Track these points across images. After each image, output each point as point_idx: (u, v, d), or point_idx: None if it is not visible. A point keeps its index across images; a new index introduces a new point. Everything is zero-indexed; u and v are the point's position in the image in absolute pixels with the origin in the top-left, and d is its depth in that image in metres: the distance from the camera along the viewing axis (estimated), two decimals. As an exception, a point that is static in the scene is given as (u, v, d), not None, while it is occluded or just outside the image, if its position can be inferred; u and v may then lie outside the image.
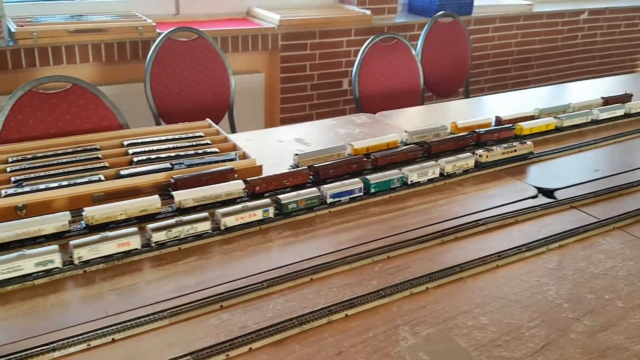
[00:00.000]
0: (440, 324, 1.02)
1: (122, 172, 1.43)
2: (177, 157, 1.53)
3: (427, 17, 3.17)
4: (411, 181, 1.52)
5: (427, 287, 1.12)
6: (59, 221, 1.19)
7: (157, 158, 1.52)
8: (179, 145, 1.61)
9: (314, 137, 1.89)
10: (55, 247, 1.11)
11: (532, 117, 1.90)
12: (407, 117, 2.22)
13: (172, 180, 1.39)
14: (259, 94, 3.19)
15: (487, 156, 1.63)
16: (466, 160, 1.60)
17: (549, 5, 4.20)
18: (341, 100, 3.52)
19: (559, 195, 1.49)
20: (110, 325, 0.96)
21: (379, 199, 1.47)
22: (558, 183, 1.56)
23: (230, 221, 1.26)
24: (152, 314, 0.99)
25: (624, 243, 1.29)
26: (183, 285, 1.09)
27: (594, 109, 1.94)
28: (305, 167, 1.49)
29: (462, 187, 1.56)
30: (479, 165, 1.64)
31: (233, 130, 2.54)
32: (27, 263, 1.07)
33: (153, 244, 1.18)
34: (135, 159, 1.51)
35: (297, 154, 1.56)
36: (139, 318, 0.98)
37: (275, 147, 1.77)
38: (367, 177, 1.47)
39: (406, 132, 1.79)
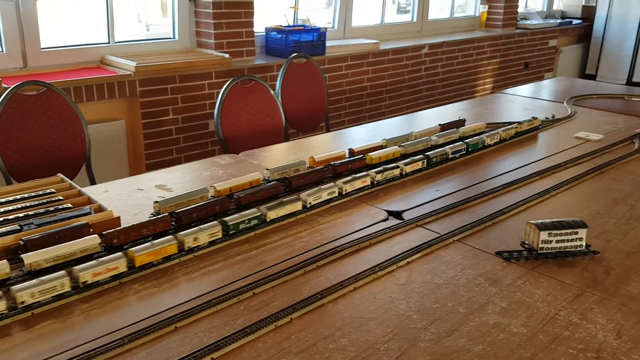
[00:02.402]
0: (303, 351, 1.07)
1: (-36, 240, 1.33)
2: (26, 217, 1.45)
3: (284, 59, 3.32)
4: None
5: (291, 318, 1.17)
6: None
7: (4, 220, 1.44)
8: (27, 204, 1.53)
9: (176, 182, 1.89)
10: None
11: (380, 147, 2.06)
12: (270, 154, 2.29)
13: (21, 242, 1.31)
14: (120, 142, 3.11)
15: (520, 127, 2.40)
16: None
17: (393, 43, 4.59)
18: (209, 142, 3.54)
19: (406, 216, 1.63)
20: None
21: (243, 238, 1.51)
22: (405, 205, 1.70)
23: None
24: (2, 388, 0.94)
25: (462, 254, 1.44)
26: (38, 352, 1.04)
27: (432, 136, 2.16)
28: (167, 214, 1.49)
29: (322, 218, 1.65)
30: (517, 134, 2.40)
31: (92, 182, 2.44)
32: None
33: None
34: (-22, 224, 1.41)
35: (156, 201, 1.56)
36: (-14, 395, 0.92)
37: (135, 196, 1.75)
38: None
39: (267, 169, 1.85)
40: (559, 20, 6.54)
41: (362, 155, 1.97)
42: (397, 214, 1.65)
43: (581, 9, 6.98)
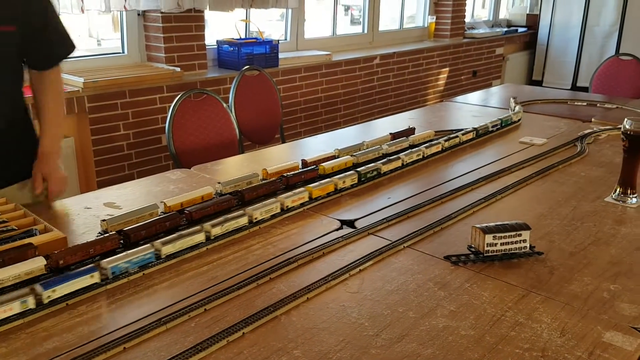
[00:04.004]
0: (256, 365, 1.07)
1: None
2: (-33, 241, 1.40)
3: (237, 71, 3.32)
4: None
5: (243, 333, 1.17)
6: None
7: (-59, 245, 1.38)
8: (-32, 228, 1.47)
9: (125, 199, 1.86)
10: None
11: (333, 157, 2.08)
12: (223, 168, 2.28)
13: (-39, 268, 1.27)
14: (70, 160, 3.04)
15: (504, 120, 2.68)
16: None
17: (345, 54, 4.66)
18: (163, 157, 3.49)
19: (359, 224, 1.65)
20: None
21: (194, 253, 1.49)
22: (359, 213, 1.73)
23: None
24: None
25: (413, 259, 1.47)
26: (-23, 382, 1.00)
27: (383, 145, 2.19)
28: (114, 232, 1.46)
29: (275, 230, 1.65)
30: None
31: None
32: None
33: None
34: None
35: (104, 220, 1.53)
36: None
37: (82, 215, 1.71)
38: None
39: (219, 183, 1.84)
40: (505, 29, 6.77)
41: (314, 166, 1.98)
42: (350, 223, 1.66)
43: (526, 17, 7.25)
